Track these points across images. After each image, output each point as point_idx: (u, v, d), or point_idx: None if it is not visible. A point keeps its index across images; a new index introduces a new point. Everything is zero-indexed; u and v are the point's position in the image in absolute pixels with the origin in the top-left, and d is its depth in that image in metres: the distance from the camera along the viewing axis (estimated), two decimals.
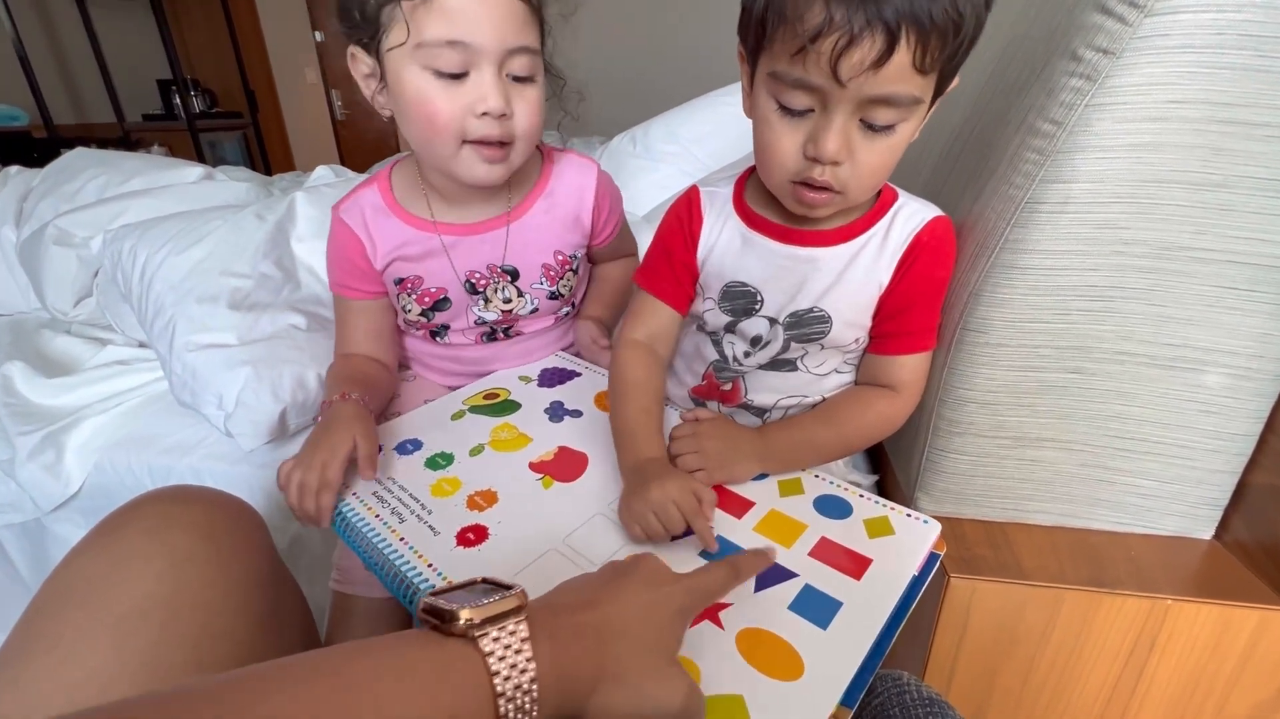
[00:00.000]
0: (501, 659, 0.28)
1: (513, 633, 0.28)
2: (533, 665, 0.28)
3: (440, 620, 0.29)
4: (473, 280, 0.68)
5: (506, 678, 0.27)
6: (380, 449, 0.57)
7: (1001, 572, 0.52)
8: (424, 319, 0.70)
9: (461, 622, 0.28)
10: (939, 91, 0.44)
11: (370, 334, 0.70)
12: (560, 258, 0.71)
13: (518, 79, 0.56)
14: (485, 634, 0.28)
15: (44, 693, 0.33)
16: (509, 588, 0.31)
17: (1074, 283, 0.48)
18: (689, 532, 0.46)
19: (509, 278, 0.69)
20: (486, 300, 0.70)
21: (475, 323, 0.71)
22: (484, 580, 0.33)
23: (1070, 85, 0.45)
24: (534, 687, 0.28)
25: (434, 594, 0.30)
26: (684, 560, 0.46)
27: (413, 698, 0.25)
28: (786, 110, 0.44)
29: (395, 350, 0.73)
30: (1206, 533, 0.56)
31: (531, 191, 0.69)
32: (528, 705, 0.28)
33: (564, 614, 0.32)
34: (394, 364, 0.72)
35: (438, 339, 0.73)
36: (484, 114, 0.54)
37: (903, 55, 0.38)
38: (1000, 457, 0.55)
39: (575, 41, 0.62)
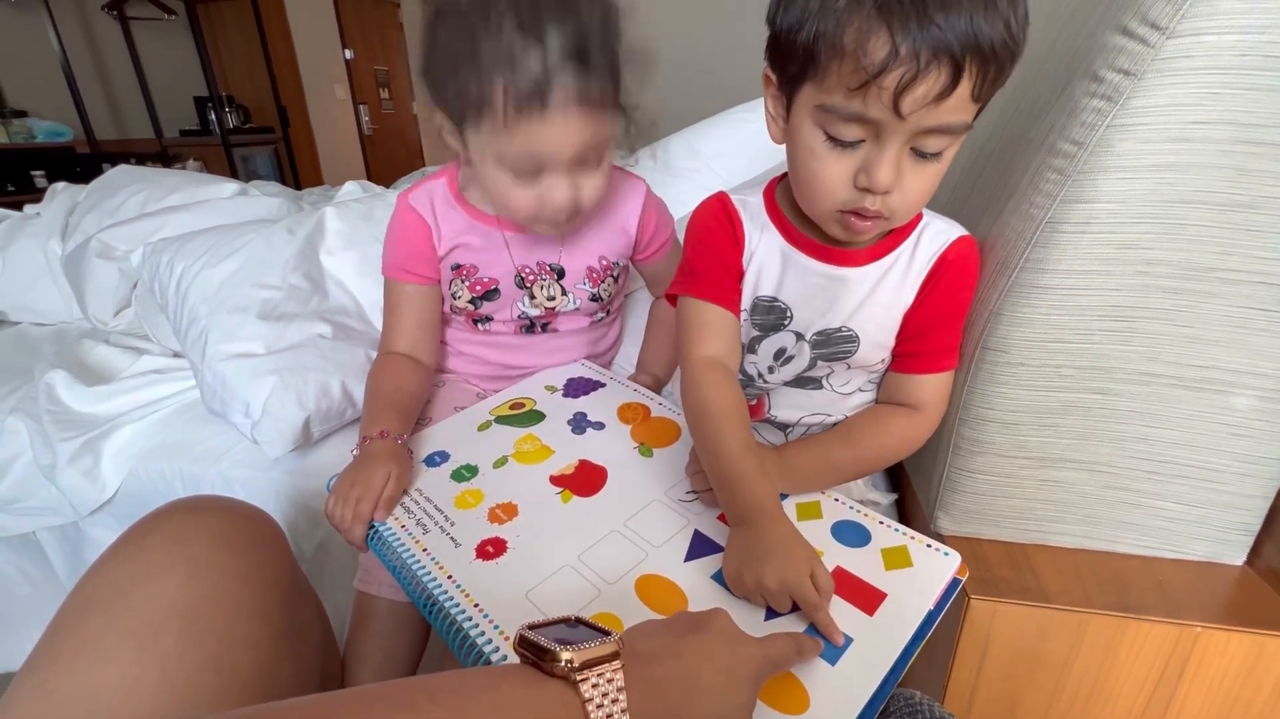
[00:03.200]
0: (599, 707, 0.28)
1: (610, 680, 0.29)
2: (627, 716, 0.28)
3: (539, 657, 0.29)
4: (522, 275, 0.72)
5: None
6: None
7: (1023, 594, 0.51)
8: (471, 307, 0.73)
9: (562, 663, 0.28)
10: (981, 111, 0.43)
11: (418, 323, 0.72)
12: (604, 263, 0.75)
13: (587, 164, 0.60)
14: (585, 679, 0.28)
15: (67, 698, 0.34)
16: (604, 631, 0.31)
17: (1097, 303, 0.48)
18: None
19: (556, 275, 0.73)
20: (532, 296, 0.74)
21: (518, 316, 0.75)
22: (576, 619, 0.33)
23: (1091, 106, 0.45)
24: None
25: (530, 628, 0.31)
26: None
27: None
28: (835, 141, 0.43)
29: (436, 346, 0.76)
30: (1238, 559, 0.55)
31: None
32: None
33: (653, 664, 0.32)
34: (433, 363, 0.75)
35: (479, 326, 0.77)
36: (555, 206, 0.60)
37: (964, 86, 0.38)
38: (1021, 477, 0.55)
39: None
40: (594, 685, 0.28)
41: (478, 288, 0.72)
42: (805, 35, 0.40)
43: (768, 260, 0.55)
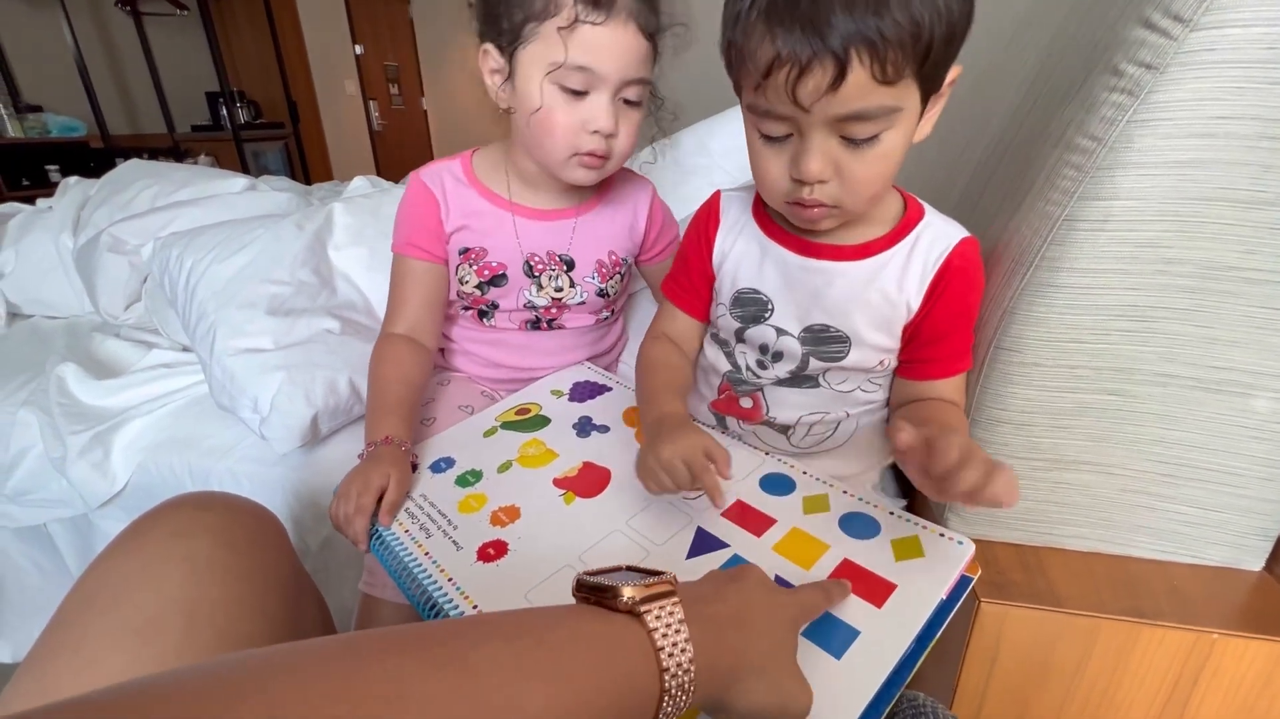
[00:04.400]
0: (664, 636, 0.29)
1: (671, 613, 0.30)
2: (690, 646, 0.29)
3: (600, 596, 0.31)
4: (531, 263, 0.73)
5: (670, 654, 0.29)
6: (415, 467, 0.60)
7: (1035, 598, 0.51)
8: (478, 292, 0.73)
9: (625, 598, 0.30)
10: (930, 89, 0.42)
11: (423, 300, 0.72)
12: (613, 257, 0.76)
13: (628, 102, 0.63)
14: (648, 612, 0.29)
15: (67, 693, 0.34)
16: (658, 573, 0.32)
17: (1114, 302, 0.47)
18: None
19: (565, 267, 0.74)
20: (540, 286, 0.74)
21: (524, 306, 0.75)
22: (628, 568, 0.34)
23: (1111, 100, 0.44)
24: (693, 667, 0.29)
25: (586, 574, 0.32)
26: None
27: (593, 663, 0.27)
28: (768, 138, 0.45)
29: (439, 328, 0.75)
30: (1255, 564, 0.54)
31: (597, 193, 0.75)
32: (687, 685, 0.29)
33: (704, 605, 0.33)
34: (434, 346, 0.74)
35: (485, 320, 0.76)
36: (594, 131, 0.61)
37: (859, 74, 0.38)
38: (1035, 479, 0.54)
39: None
40: (657, 617, 0.29)
41: (485, 272, 0.72)
42: (724, 43, 0.44)
43: (746, 253, 0.57)
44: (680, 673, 0.28)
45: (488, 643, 0.26)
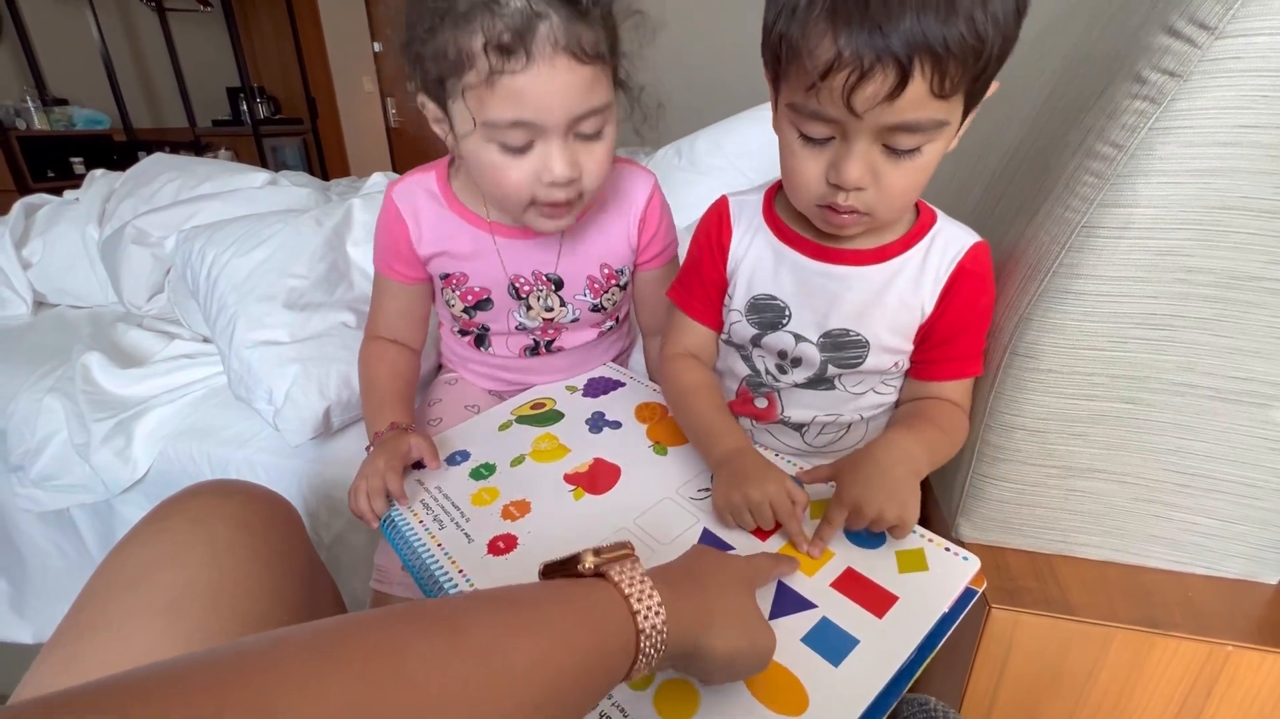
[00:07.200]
0: (631, 586, 0.32)
1: (633, 568, 0.33)
2: (658, 595, 0.32)
3: (565, 568, 0.33)
4: (516, 285, 0.68)
5: (639, 600, 0.31)
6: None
7: (1046, 605, 0.50)
8: (466, 316, 0.71)
9: (587, 563, 0.32)
10: (972, 104, 0.42)
11: (401, 315, 0.71)
12: (606, 271, 0.70)
13: (586, 136, 0.54)
14: (610, 568, 0.32)
15: (93, 672, 0.35)
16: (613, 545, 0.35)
17: (1132, 310, 0.47)
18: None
19: (553, 286, 0.69)
20: (529, 308, 0.70)
21: (516, 328, 0.72)
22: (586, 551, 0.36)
23: (1133, 108, 0.43)
24: (663, 609, 0.31)
25: (548, 562, 0.35)
26: None
27: (572, 619, 0.30)
28: (807, 139, 0.44)
29: (422, 332, 0.74)
30: (1273, 577, 0.53)
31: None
32: (660, 626, 0.31)
33: (663, 570, 0.36)
34: (420, 346, 0.74)
35: (481, 347, 0.74)
36: (551, 183, 0.54)
37: (918, 85, 0.38)
38: (1048, 486, 0.53)
39: (653, 47, 0.60)
40: (620, 572, 0.32)
41: (469, 297, 0.69)
42: (774, 36, 0.42)
43: (761, 258, 0.56)
44: (653, 615, 0.31)
45: (473, 607, 0.28)
